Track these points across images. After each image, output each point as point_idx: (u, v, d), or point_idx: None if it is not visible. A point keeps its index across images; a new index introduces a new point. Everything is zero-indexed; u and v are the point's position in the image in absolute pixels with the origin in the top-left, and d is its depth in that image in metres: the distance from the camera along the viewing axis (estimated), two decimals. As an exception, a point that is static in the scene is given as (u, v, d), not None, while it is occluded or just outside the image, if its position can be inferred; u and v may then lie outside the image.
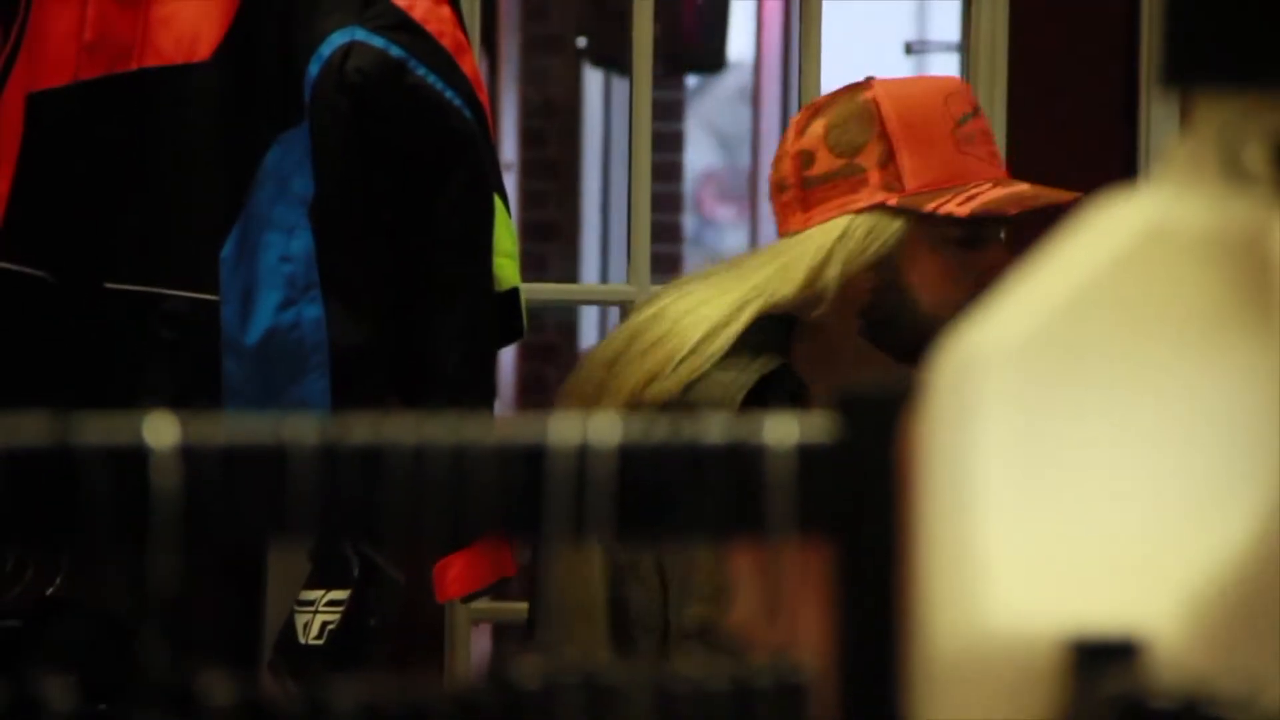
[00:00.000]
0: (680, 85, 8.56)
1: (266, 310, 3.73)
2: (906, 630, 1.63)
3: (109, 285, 3.81)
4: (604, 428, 1.51)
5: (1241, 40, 1.66)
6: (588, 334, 8.45)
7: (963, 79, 3.87)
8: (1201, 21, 1.69)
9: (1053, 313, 1.69)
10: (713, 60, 7.98)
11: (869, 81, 3.55)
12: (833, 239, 3.41)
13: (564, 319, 8.65)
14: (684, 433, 1.55)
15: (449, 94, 3.77)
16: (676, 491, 1.56)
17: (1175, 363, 1.69)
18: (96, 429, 1.40)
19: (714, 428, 1.53)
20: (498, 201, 3.88)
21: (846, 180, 3.42)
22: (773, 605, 1.66)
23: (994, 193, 3.40)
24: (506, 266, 3.88)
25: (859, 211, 3.41)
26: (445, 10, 3.87)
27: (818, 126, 3.48)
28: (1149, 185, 1.77)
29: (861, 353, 3.47)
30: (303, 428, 1.44)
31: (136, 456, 1.40)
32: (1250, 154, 1.63)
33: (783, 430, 1.55)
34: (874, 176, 3.40)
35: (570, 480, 1.51)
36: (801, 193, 3.46)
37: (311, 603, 3.59)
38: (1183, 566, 1.59)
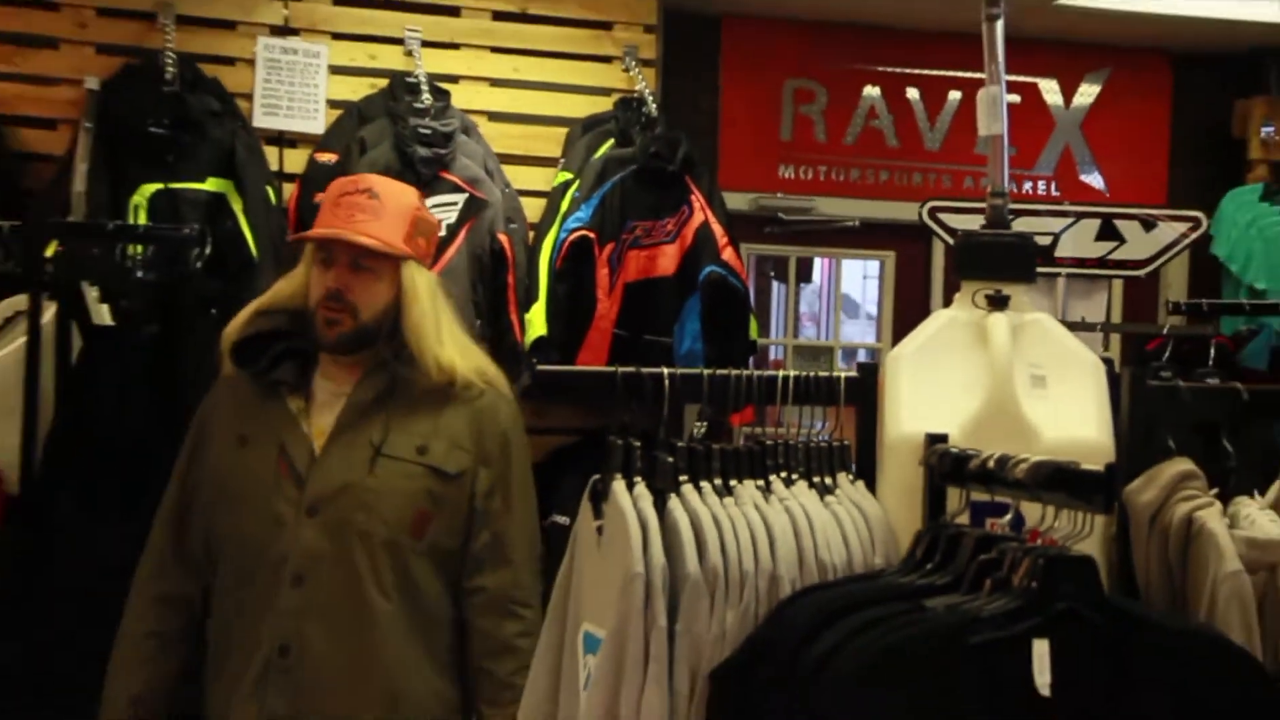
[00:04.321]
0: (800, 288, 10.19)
1: (685, 346, 5.21)
2: (878, 435, 2.46)
3: (646, 336, 5.15)
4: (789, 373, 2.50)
5: (974, 266, 2.56)
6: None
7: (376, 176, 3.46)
8: (964, 262, 2.57)
9: (921, 341, 2.53)
10: (806, 277, 9.28)
11: None
12: None
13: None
14: (818, 372, 2.47)
15: (739, 285, 5.26)
16: (807, 383, 2.47)
17: (957, 359, 2.49)
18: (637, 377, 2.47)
19: (831, 373, 2.49)
20: (752, 317, 5.22)
21: None
22: (839, 426, 2.48)
23: (309, 233, 3.20)
24: (752, 331, 5.20)
25: None
26: (734, 252, 5.23)
27: None
28: (947, 308, 2.57)
29: None
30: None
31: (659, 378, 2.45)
32: (979, 300, 2.50)
33: (847, 372, 2.48)
34: None
35: (782, 383, 2.48)
36: None
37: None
38: (954, 415, 2.41)
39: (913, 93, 6.52)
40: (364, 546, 3.02)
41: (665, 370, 2.42)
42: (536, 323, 5.12)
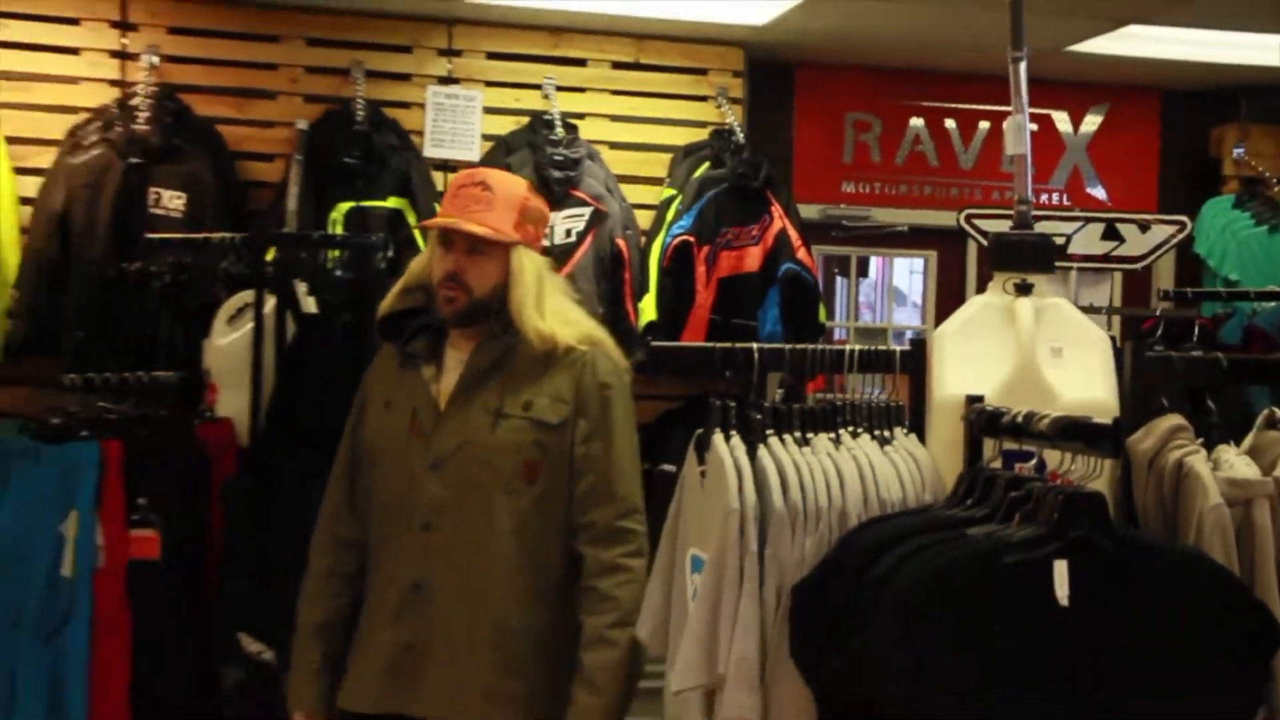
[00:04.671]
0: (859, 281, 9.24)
1: (767, 328, 5.10)
2: (927, 397, 2.43)
3: (735, 320, 5.00)
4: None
5: (1004, 260, 2.50)
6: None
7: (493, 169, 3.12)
8: (996, 257, 2.50)
9: (961, 321, 2.49)
10: (864, 273, 8.56)
11: None
12: None
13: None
14: (877, 348, 2.41)
15: (810, 279, 5.13)
16: (867, 356, 2.40)
17: (990, 335, 2.44)
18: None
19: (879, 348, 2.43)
20: (821, 305, 5.08)
21: None
22: (894, 390, 2.41)
23: (431, 220, 2.98)
24: (821, 316, 5.06)
25: None
26: (806, 253, 5.07)
27: None
28: (983, 293, 2.52)
29: None
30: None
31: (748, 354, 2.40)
32: (1006, 287, 2.44)
33: (900, 348, 2.43)
34: None
35: (848, 356, 2.44)
36: None
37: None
38: (988, 380, 2.34)
39: (950, 123, 6.38)
40: (480, 496, 2.86)
41: (754, 346, 2.37)
42: (648, 310, 5.11)
